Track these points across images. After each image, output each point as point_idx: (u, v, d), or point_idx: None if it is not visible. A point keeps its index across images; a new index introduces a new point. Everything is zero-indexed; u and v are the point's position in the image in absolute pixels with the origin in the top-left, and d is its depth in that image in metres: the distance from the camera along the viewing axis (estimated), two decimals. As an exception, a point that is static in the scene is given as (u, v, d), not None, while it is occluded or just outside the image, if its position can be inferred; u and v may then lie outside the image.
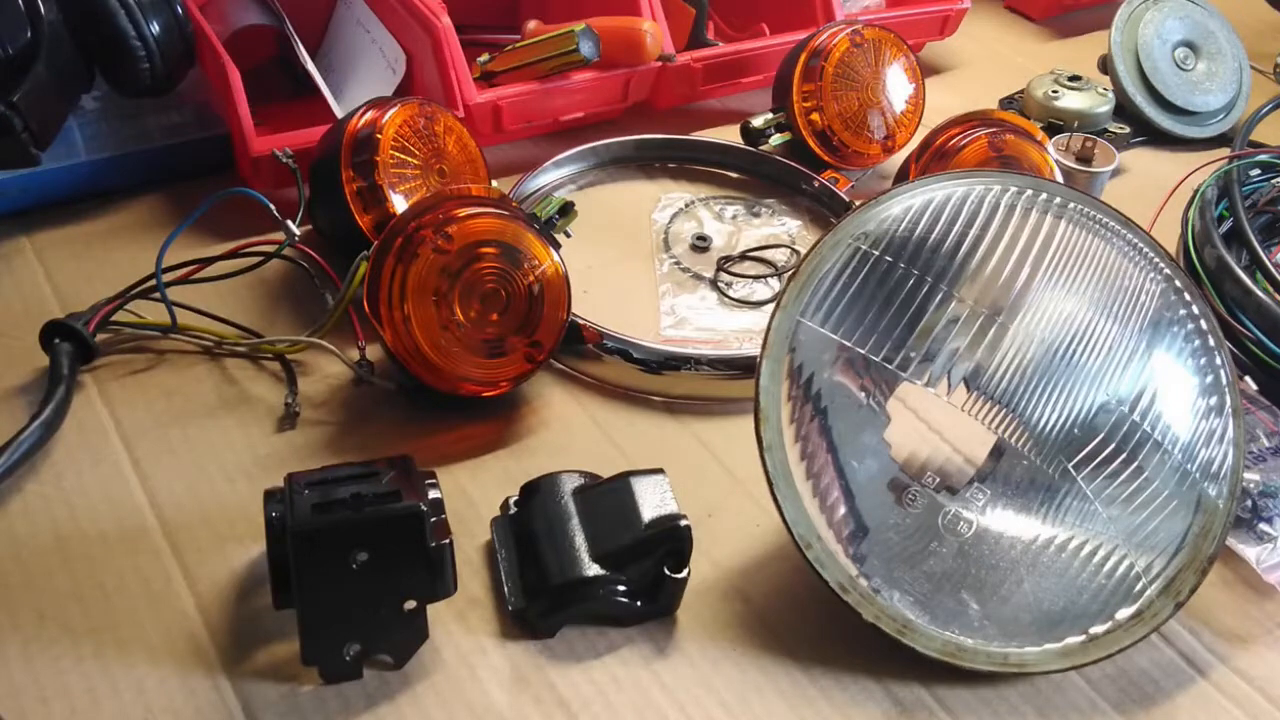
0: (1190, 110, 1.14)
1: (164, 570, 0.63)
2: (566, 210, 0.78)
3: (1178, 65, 1.15)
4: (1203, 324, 0.67)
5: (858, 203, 0.75)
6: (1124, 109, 1.13)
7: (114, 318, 0.77)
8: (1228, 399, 0.65)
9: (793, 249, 0.93)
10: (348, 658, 0.57)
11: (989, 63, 1.28)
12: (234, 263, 0.80)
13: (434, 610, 0.59)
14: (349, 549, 0.54)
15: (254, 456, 0.71)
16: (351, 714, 0.57)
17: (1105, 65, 1.15)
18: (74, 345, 0.74)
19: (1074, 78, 1.09)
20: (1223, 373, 0.66)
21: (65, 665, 0.58)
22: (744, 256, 0.92)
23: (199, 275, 0.80)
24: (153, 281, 0.76)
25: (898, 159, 1.00)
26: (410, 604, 0.57)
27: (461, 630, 0.62)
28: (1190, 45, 1.17)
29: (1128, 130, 1.09)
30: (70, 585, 0.62)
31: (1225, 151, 1.02)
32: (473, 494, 0.70)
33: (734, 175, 1.02)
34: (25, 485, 0.67)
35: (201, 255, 0.80)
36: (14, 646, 0.59)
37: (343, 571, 0.55)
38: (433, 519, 0.56)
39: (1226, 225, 0.88)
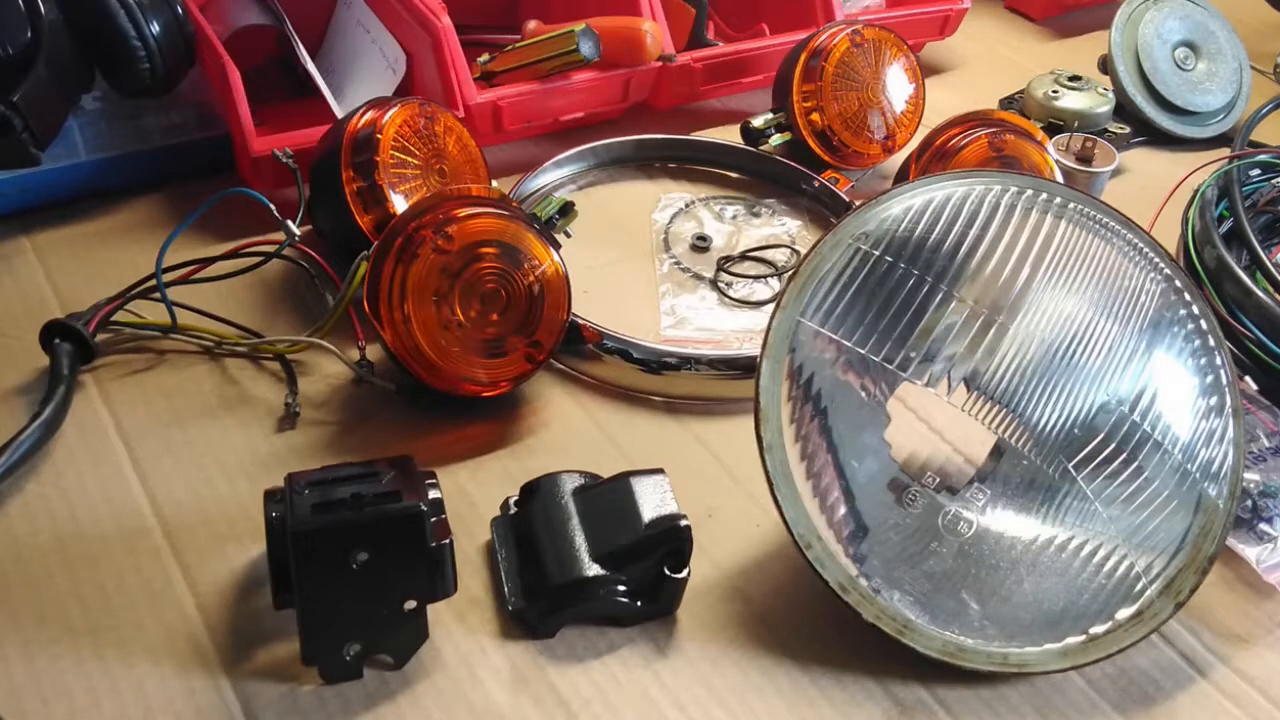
0: (1190, 110, 1.14)
1: (164, 570, 0.63)
2: (566, 210, 0.78)
3: (1178, 65, 1.15)
4: (1203, 324, 0.66)
5: (858, 203, 0.75)
6: (1124, 109, 1.13)
7: (114, 318, 0.77)
8: (1228, 399, 0.65)
9: (793, 249, 0.93)
10: (348, 658, 0.57)
11: (989, 63, 1.28)
12: (234, 263, 0.80)
13: (434, 610, 0.59)
14: (349, 549, 0.54)
15: (254, 456, 0.71)
16: (351, 714, 0.57)
17: (1105, 65, 1.15)
18: (74, 345, 0.74)
19: (1074, 78, 1.09)
20: (1223, 373, 0.66)
21: (65, 665, 0.58)
22: (744, 256, 0.92)
23: (199, 275, 0.80)
24: (153, 281, 0.76)
25: (898, 159, 1.00)
26: (410, 604, 0.57)
27: (461, 630, 0.62)
28: (1190, 45, 1.17)
29: (1128, 130, 1.09)
30: (70, 585, 0.62)
31: (1225, 151, 1.02)
32: (473, 494, 0.70)
33: (734, 175, 1.02)
34: (25, 485, 0.67)
35: (201, 255, 0.80)
36: (14, 646, 0.59)
37: (343, 571, 0.55)
38: (433, 519, 0.56)
39: (1226, 225, 0.88)
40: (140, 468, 0.69)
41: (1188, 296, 0.67)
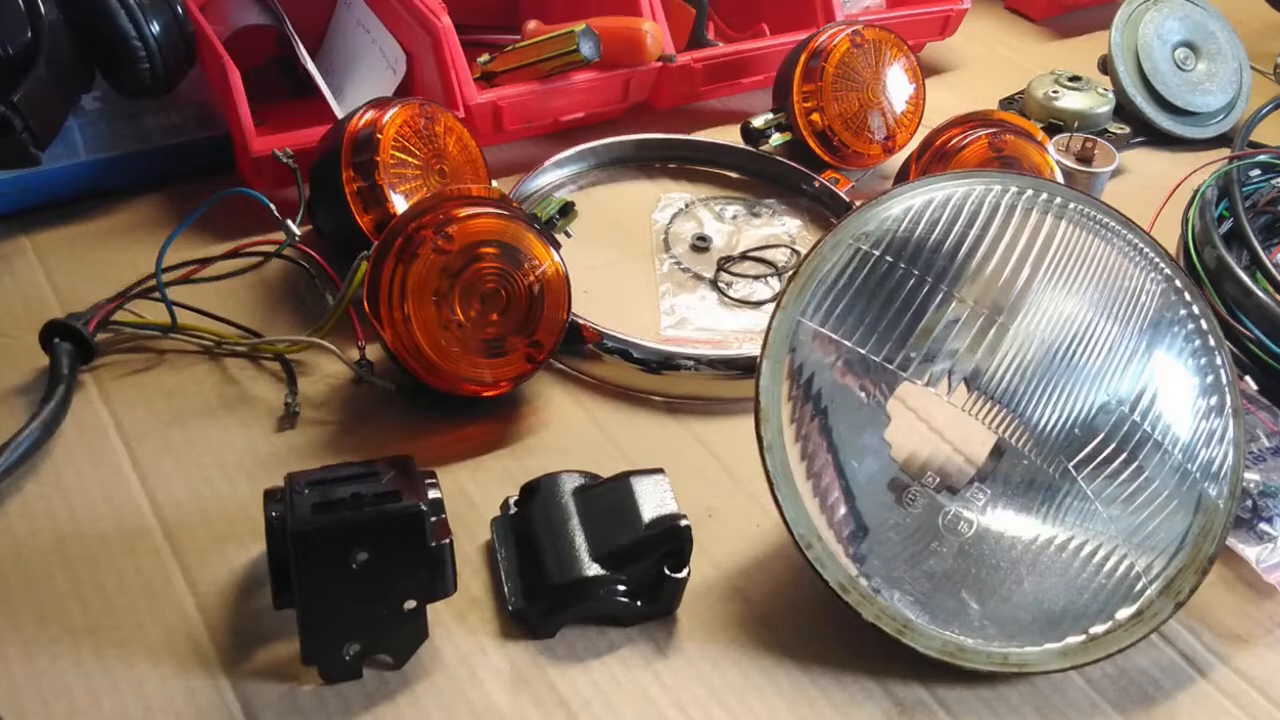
0: (1190, 110, 1.14)
1: (164, 570, 0.63)
2: (567, 210, 0.78)
3: (1178, 65, 1.15)
4: (1203, 324, 0.67)
5: (858, 203, 0.75)
6: (1124, 109, 1.13)
7: (114, 318, 0.77)
8: (1228, 399, 0.65)
9: (793, 249, 0.93)
10: (348, 658, 0.57)
11: (989, 63, 1.28)
12: (234, 263, 0.80)
13: (434, 610, 0.59)
14: (349, 549, 0.54)
15: (254, 456, 0.71)
16: (351, 714, 0.57)
17: (1105, 65, 1.15)
18: (74, 345, 0.74)
19: (1074, 78, 1.09)
20: (1223, 373, 0.66)
21: (65, 665, 0.58)
22: (744, 256, 0.92)
23: (199, 275, 0.80)
24: (153, 281, 0.76)
25: (898, 159, 1.00)
26: (410, 604, 0.57)
27: (461, 630, 0.62)
28: (1190, 45, 1.17)
29: (1128, 130, 1.09)
30: (70, 585, 0.62)
31: (1225, 151, 1.02)
32: (473, 494, 0.70)
33: (734, 175, 1.02)
34: (25, 485, 0.67)
35: (201, 255, 0.81)
36: (14, 646, 0.59)
37: (343, 571, 0.55)
38: (433, 519, 0.56)
39: (1226, 225, 0.88)
40: (140, 468, 0.69)
41: (1188, 296, 0.67)
